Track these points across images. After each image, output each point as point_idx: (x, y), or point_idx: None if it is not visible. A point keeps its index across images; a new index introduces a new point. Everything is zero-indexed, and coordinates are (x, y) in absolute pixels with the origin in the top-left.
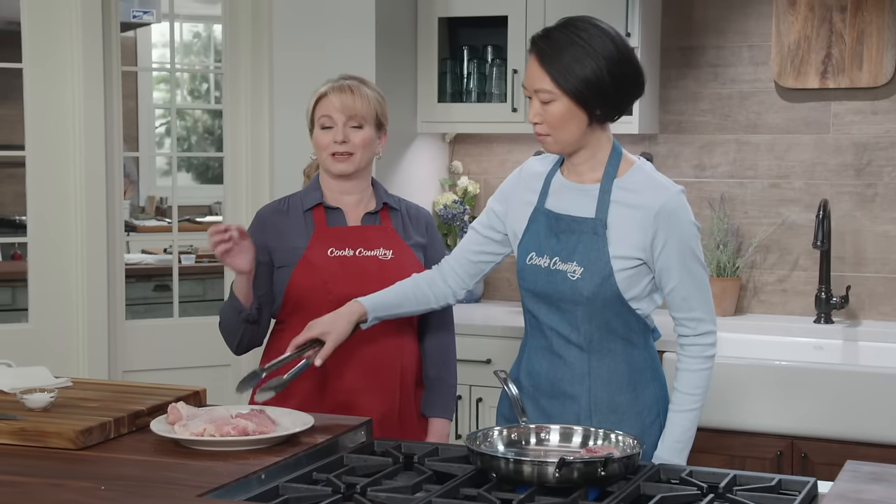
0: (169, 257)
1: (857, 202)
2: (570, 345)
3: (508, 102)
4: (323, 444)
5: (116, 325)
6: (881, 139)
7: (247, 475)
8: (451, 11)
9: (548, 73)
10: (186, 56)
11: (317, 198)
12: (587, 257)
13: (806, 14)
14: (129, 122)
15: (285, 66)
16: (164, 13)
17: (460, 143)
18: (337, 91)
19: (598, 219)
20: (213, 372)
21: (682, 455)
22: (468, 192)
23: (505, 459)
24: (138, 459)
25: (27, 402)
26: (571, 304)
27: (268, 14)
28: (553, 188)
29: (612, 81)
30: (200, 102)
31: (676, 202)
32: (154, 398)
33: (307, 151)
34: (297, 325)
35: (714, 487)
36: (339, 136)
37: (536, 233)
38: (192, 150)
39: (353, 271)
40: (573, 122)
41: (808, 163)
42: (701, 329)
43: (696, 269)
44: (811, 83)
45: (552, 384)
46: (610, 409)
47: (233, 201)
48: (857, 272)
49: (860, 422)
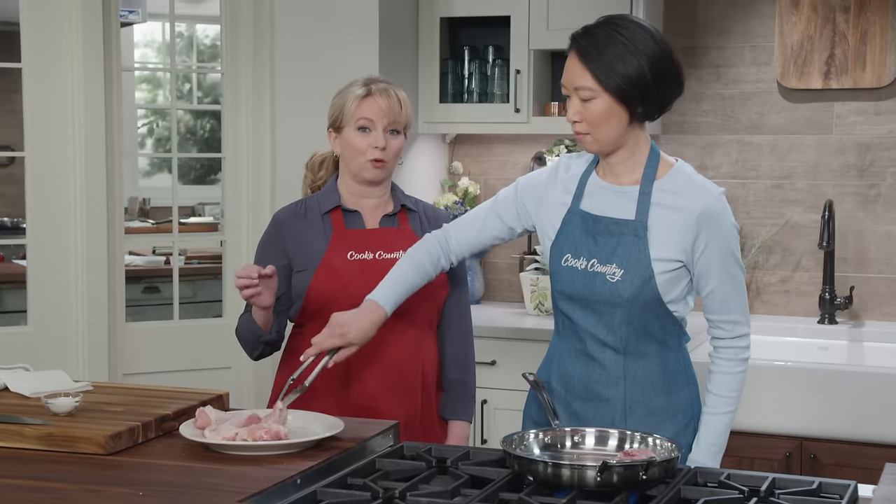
0: (157, 259)
1: (859, 203)
2: (606, 347)
3: (511, 103)
4: (353, 448)
5: (116, 327)
6: (884, 140)
7: (283, 480)
8: (452, 11)
9: (589, 70)
10: (167, 56)
11: (335, 200)
12: (627, 259)
13: (809, 14)
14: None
15: (287, 66)
16: (150, 13)
17: (460, 143)
18: (383, 95)
19: (638, 221)
20: (214, 374)
21: (716, 458)
22: (469, 193)
23: (544, 463)
24: (171, 464)
25: (52, 407)
26: (609, 306)
27: (269, 14)
28: (589, 189)
29: (653, 79)
30: (183, 103)
31: (718, 204)
32: (178, 402)
33: (311, 152)
34: (317, 329)
35: (755, 491)
36: (380, 141)
37: (572, 234)
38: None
39: (374, 274)
40: (613, 120)
41: (810, 163)
42: (737, 332)
43: (735, 272)
44: (814, 84)
45: (586, 387)
46: (646, 412)
47: (234, 203)
48: (859, 273)
49: (868, 422)
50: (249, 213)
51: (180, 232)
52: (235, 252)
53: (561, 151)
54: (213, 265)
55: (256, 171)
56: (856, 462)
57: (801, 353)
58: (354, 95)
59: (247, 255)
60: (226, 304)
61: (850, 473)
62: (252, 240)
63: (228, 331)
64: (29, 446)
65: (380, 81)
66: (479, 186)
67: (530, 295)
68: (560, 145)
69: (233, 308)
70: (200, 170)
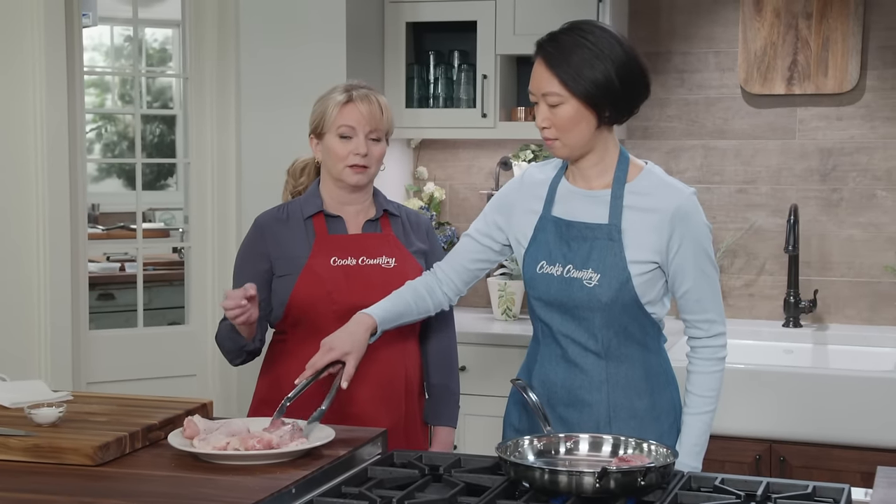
0: (112, 265)
1: (822, 207)
2: (587, 352)
3: (478, 108)
4: (345, 456)
5: (80, 335)
6: (846, 145)
7: (279, 490)
8: (419, 17)
9: (557, 76)
10: (117, 60)
11: (317, 205)
12: (603, 263)
13: (772, 21)
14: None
15: (253, 71)
16: (101, 16)
17: (425, 148)
18: (364, 101)
19: (612, 224)
20: (179, 382)
21: (699, 458)
22: (434, 198)
23: (541, 470)
24: (161, 475)
25: (36, 418)
26: (588, 311)
27: (234, 18)
28: (560, 195)
29: (620, 83)
30: (131, 107)
31: (690, 204)
32: (163, 411)
33: (277, 157)
34: (299, 336)
35: (752, 496)
36: (361, 147)
37: (545, 241)
38: (123, 155)
39: (357, 280)
40: (582, 124)
41: (774, 168)
42: (714, 331)
43: (709, 271)
44: (777, 89)
45: (569, 392)
46: (629, 415)
47: (198, 209)
48: (822, 276)
49: (835, 425)
50: (214, 220)
51: (122, 237)
52: (200, 258)
53: (527, 156)
54: (168, 272)
55: (221, 177)
56: (825, 464)
57: (766, 357)
58: (335, 102)
59: (212, 262)
60: (190, 312)
61: (819, 475)
62: (217, 246)
63: (193, 338)
64: (14, 458)
65: (361, 87)
66: (444, 192)
67: (498, 300)
68: (526, 150)
69: (197, 315)
70: (150, 175)
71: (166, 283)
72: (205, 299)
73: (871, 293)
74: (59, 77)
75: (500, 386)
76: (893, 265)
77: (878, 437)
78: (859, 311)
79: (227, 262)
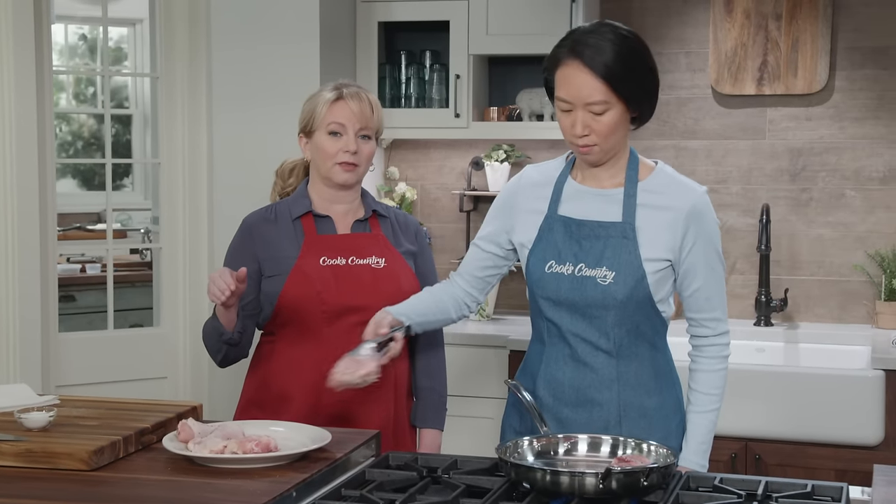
0: (73, 267)
1: (792, 206)
2: (598, 351)
3: (451, 108)
4: (341, 459)
5: (49, 338)
6: (815, 145)
7: (281, 494)
8: (391, 16)
9: (607, 82)
10: (71, 59)
11: (306, 205)
12: (617, 261)
13: (742, 22)
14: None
15: (225, 71)
16: (58, 14)
17: (396, 148)
18: (354, 98)
19: (626, 222)
20: (150, 385)
21: (706, 457)
22: (406, 199)
23: (542, 471)
24: (158, 479)
25: (26, 422)
26: (602, 309)
27: (205, 17)
28: (567, 194)
29: (655, 82)
30: (86, 107)
31: (704, 203)
32: (154, 415)
33: (251, 157)
34: (287, 337)
35: (752, 495)
36: (351, 145)
37: (553, 241)
38: (78, 155)
39: (347, 280)
40: (621, 128)
41: (744, 168)
42: (720, 329)
43: (718, 269)
44: (748, 90)
45: (578, 391)
46: (639, 414)
47: (169, 210)
48: (792, 275)
49: (808, 422)
50: (186, 221)
51: (78, 238)
52: (171, 260)
53: (500, 156)
54: (130, 273)
55: (193, 178)
56: (800, 462)
57: (738, 355)
58: (325, 99)
59: (183, 264)
60: (161, 314)
61: (794, 473)
62: (189, 247)
63: (163, 340)
64: (6, 463)
65: (351, 86)
66: (415, 192)
67: None
68: (499, 150)
69: (168, 317)
70: (105, 176)
71: (128, 285)
72: (176, 301)
73: (841, 292)
74: (27, 77)
75: (477, 386)
76: (862, 264)
77: (852, 434)
78: (829, 310)
79: (198, 264)
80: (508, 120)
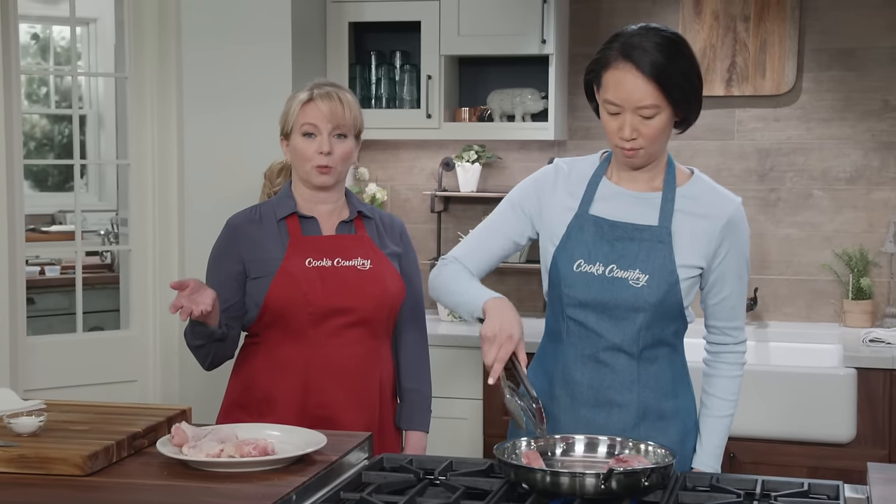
0: (32, 269)
1: (760, 206)
2: (620, 352)
3: (422, 108)
4: (336, 461)
5: (18, 341)
6: (783, 145)
7: (281, 497)
8: (361, 17)
9: (660, 87)
10: (23, 58)
11: (290, 207)
12: (651, 265)
13: (711, 23)
14: None
15: (196, 72)
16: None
17: (366, 149)
18: (325, 98)
19: (662, 227)
20: (120, 388)
21: (719, 460)
22: (376, 199)
23: (542, 472)
24: (154, 484)
25: (16, 427)
26: (632, 311)
27: (175, 17)
28: (601, 194)
29: (701, 86)
30: (39, 107)
31: (741, 214)
32: (144, 419)
33: (223, 158)
34: (273, 338)
35: (751, 494)
36: (325, 146)
37: (583, 240)
38: (31, 156)
39: (333, 282)
40: (667, 132)
41: (713, 168)
42: (741, 337)
43: (745, 279)
44: (716, 91)
45: (597, 392)
46: (657, 416)
47: (138, 211)
48: (761, 275)
49: (781, 421)
50: (155, 222)
51: (35, 241)
52: (140, 262)
53: (471, 157)
54: (90, 275)
55: (162, 179)
56: (772, 459)
57: None
58: (298, 101)
59: (153, 266)
60: (130, 316)
61: (767, 470)
62: (159, 249)
63: (133, 343)
64: None
65: (324, 85)
66: (385, 192)
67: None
68: (470, 150)
69: (137, 320)
70: (59, 177)
71: (88, 287)
72: (145, 303)
73: (809, 291)
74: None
75: (452, 387)
76: (830, 263)
77: (824, 432)
78: (797, 309)
79: (168, 266)
80: (480, 121)
